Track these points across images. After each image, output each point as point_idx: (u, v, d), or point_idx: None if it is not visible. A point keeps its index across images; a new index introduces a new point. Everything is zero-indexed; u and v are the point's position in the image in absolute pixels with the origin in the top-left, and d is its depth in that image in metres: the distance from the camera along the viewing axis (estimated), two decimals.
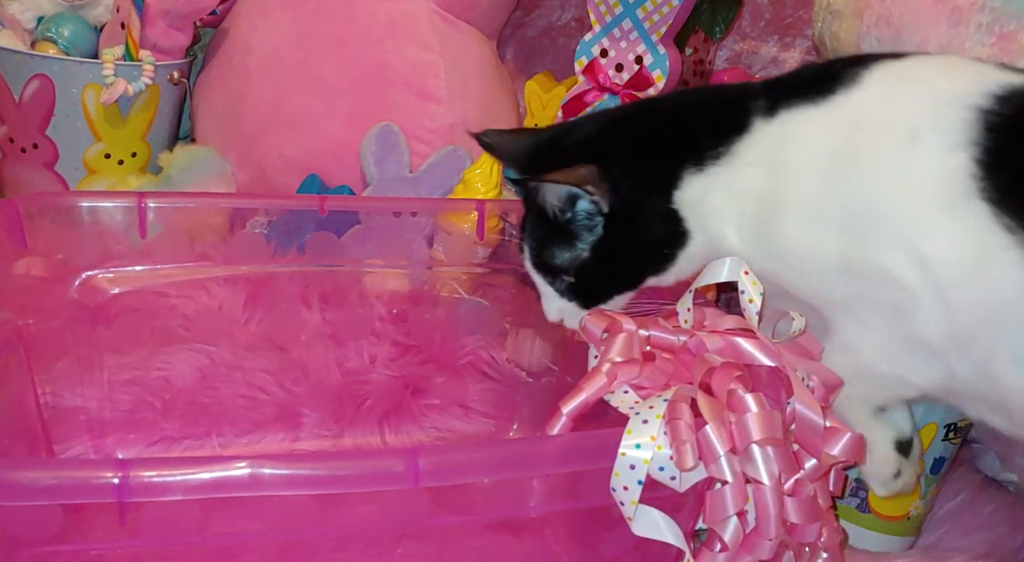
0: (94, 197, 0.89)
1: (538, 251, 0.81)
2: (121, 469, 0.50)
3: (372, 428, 0.97)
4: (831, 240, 0.71)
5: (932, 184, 0.68)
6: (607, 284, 0.80)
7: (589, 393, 0.66)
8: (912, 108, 0.71)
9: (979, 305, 0.67)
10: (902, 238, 0.68)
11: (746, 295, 0.72)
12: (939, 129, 0.69)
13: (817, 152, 0.72)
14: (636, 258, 0.79)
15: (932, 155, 0.68)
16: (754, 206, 0.74)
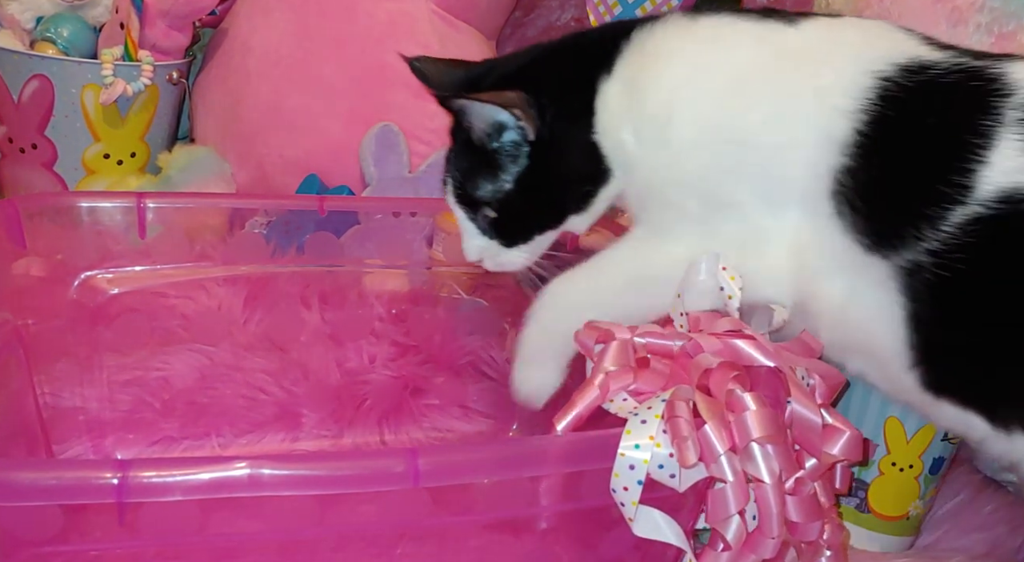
0: (93, 197, 0.89)
1: (461, 183, 0.80)
2: (120, 469, 0.50)
3: (371, 428, 0.97)
4: (710, 163, 0.72)
5: (808, 146, 0.70)
6: (530, 220, 0.80)
7: (582, 406, 0.65)
8: (827, 62, 0.71)
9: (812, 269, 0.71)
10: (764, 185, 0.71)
11: (725, 291, 0.71)
12: (840, 92, 0.69)
13: (730, 70, 0.73)
14: (560, 192, 0.79)
15: (824, 114, 0.69)
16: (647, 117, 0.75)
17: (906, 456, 0.86)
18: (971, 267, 0.65)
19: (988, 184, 0.64)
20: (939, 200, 0.65)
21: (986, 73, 0.68)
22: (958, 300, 0.66)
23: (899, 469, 0.86)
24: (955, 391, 0.69)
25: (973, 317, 0.67)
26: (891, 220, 0.68)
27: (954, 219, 0.65)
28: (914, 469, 0.86)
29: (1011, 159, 0.64)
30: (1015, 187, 0.64)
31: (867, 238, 0.68)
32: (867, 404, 0.86)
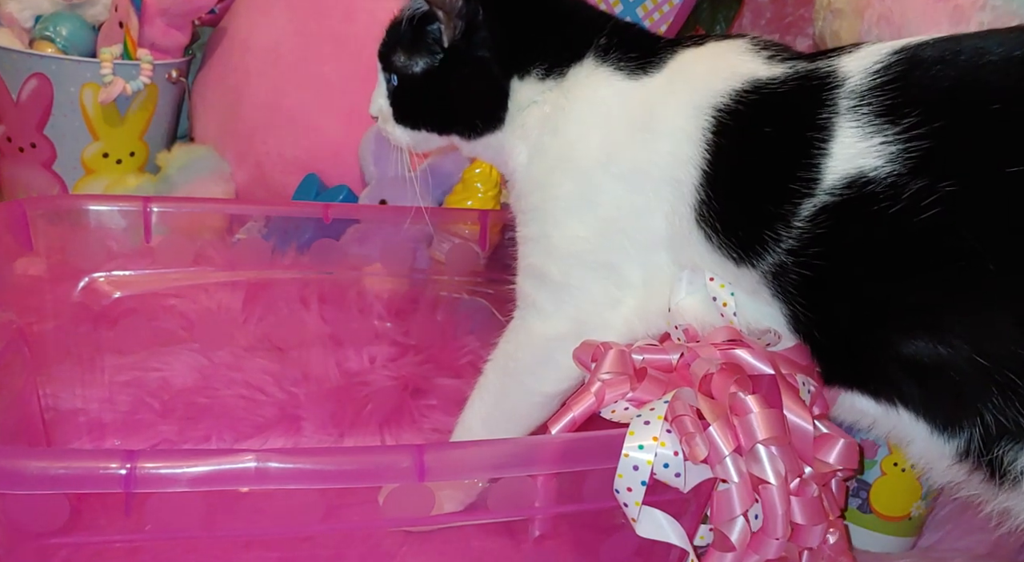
0: (99, 201, 0.90)
1: (387, 42, 0.85)
2: (128, 460, 0.50)
3: (372, 430, 0.97)
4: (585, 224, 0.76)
5: (670, 184, 0.73)
6: (419, 110, 0.85)
7: (577, 412, 0.65)
8: (672, 107, 0.74)
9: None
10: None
11: (719, 300, 0.72)
12: (682, 134, 0.73)
13: (608, 120, 0.77)
14: (450, 107, 0.84)
15: (671, 166, 0.73)
16: (545, 137, 0.79)
17: None
18: (826, 258, 0.67)
19: (832, 173, 0.66)
20: (788, 197, 0.67)
21: (818, 72, 0.70)
22: (824, 292, 0.68)
23: (901, 469, 0.86)
24: (845, 379, 0.70)
25: (840, 303, 0.68)
26: (750, 229, 0.70)
27: (804, 213, 0.67)
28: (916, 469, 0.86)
29: (850, 145, 0.66)
30: (858, 171, 0.65)
31: (734, 252, 0.70)
32: None
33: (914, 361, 0.65)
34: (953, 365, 0.63)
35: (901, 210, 0.63)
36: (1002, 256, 0.61)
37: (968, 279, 0.62)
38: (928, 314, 0.64)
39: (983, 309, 0.63)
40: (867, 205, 0.65)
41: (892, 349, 0.66)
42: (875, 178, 0.65)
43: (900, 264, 0.65)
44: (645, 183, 0.75)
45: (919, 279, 0.64)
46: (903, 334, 0.65)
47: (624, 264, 0.76)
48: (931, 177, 0.63)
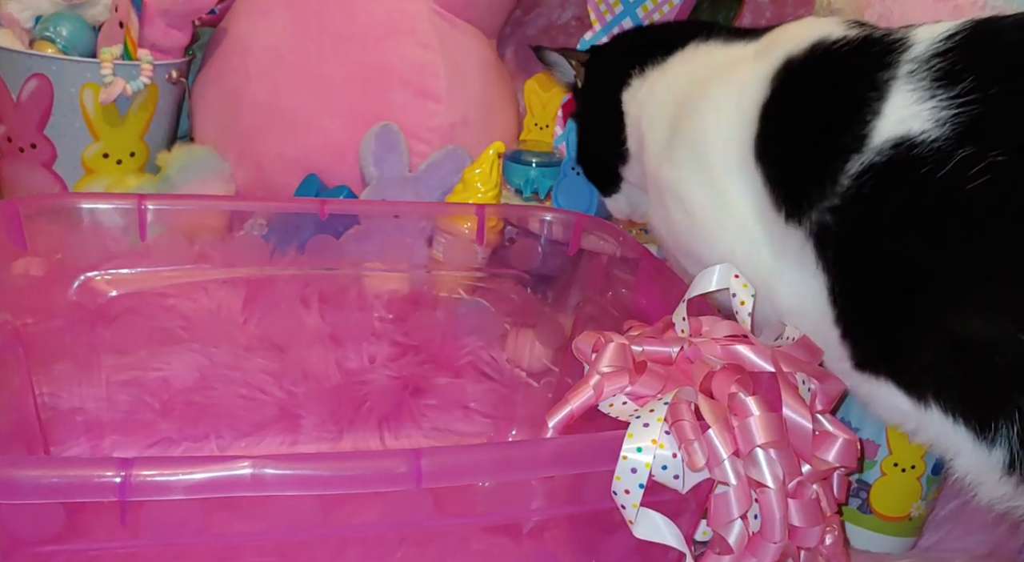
0: (94, 199, 0.89)
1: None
2: (123, 468, 0.50)
3: (371, 429, 0.97)
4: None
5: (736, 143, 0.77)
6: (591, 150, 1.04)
7: (575, 405, 0.66)
8: (753, 62, 0.80)
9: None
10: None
11: (737, 298, 0.72)
12: (757, 82, 0.77)
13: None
14: (591, 137, 1.02)
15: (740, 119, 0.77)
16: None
17: (908, 457, 0.86)
18: (870, 221, 0.67)
19: (881, 134, 0.67)
20: (839, 153, 0.68)
21: (891, 37, 0.71)
22: (865, 259, 0.68)
23: (901, 470, 0.86)
24: (878, 364, 0.69)
25: (880, 272, 0.67)
26: (798, 181, 0.71)
27: (851, 170, 0.67)
28: (916, 470, 0.86)
29: (904, 108, 0.66)
30: (906, 132, 0.65)
31: (783, 202, 0.72)
32: None
33: (953, 339, 0.63)
34: (996, 345, 0.61)
35: (946, 176, 0.63)
36: None
37: (1014, 251, 0.61)
38: (971, 287, 0.63)
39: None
40: (913, 168, 0.64)
41: (930, 325, 0.64)
42: (922, 141, 0.64)
43: (944, 232, 0.63)
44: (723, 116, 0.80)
45: (962, 248, 0.63)
46: (942, 309, 0.63)
47: None
48: (980, 145, 0.62)
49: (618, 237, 0.91)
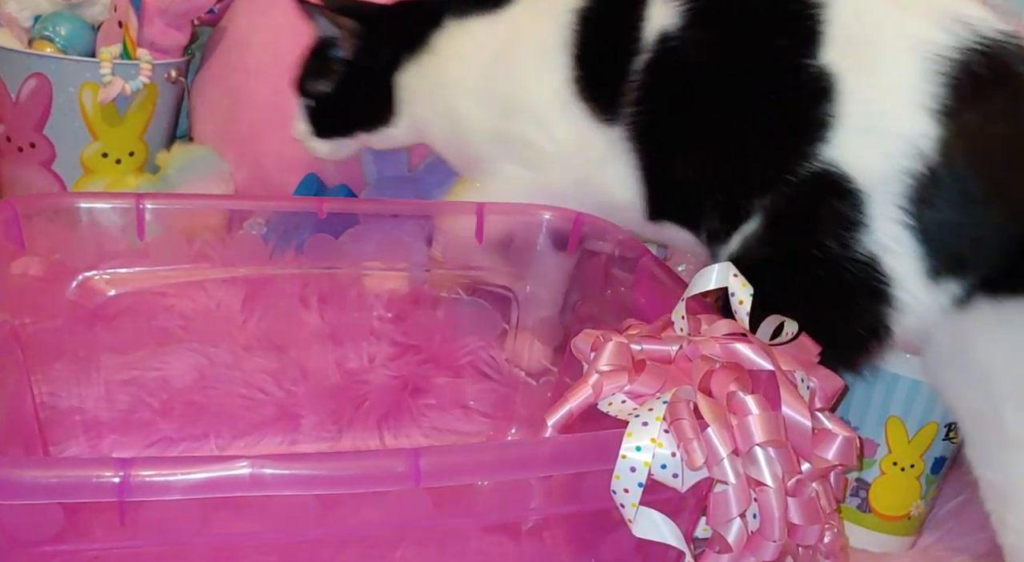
0: (92, 198, 0.89)
1: (302, 75, 1.05)
2: (122, 468, 0.50)
3: (371, 429, 0.97)
4: (490, 116, 0.94)
5: (553, 85, 0.90)
6: (339, 117, 1.05)
7: (574, 404, 0.65)
8: (543, 22, 0.92)
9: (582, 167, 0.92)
10: (541, 120, 0.91)
11: (736, 297, 0.72)
12: (554, 39, 0.90)
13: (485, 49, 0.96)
14: (360, 109, 1.04)
15: (551, 61, 0.90)
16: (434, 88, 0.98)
17: (908, 455, 0.86)
18: (654, 104, 0.85)
19: (649, 33, 0.84)
20: (624, 55, 0.85)
21: None
22: (657, 137, 0.85)
23: (900, 469, 0.86)
24: (670, 215, 0.89)
25: (668, 145, 0.86)
26: (603, 84, 0.87)
27: (636, 67, 0.85)
28: (916, 469, 0.86)
29: (659, 9, 0.84)
30: (663, 28, 0.84)
31: (603, 113, 0.88)
32: (868, 404, 0.86)
33: (684, 180, 0.85)
34: (696, 180, 0.84)
35: (689, 57, 0.83)
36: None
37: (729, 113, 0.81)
38: (694, 148, 0.83)
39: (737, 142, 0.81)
40: (668, 56, 0.84)
41: (675, 172, 0.85)
42: (672, 34, 0.84)
43: (695, 103, 0.83)
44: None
45: (704, 114, 0.83)
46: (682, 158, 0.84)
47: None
48: (701, 30, 0.83)
49: (617, 235, 0.91)
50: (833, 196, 0.76)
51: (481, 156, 0.97)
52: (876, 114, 0.76)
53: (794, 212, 0.79)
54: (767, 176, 0.80)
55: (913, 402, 0.84)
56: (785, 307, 0.72)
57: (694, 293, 0.73)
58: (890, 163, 0.75)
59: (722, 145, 0.82)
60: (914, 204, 0.74)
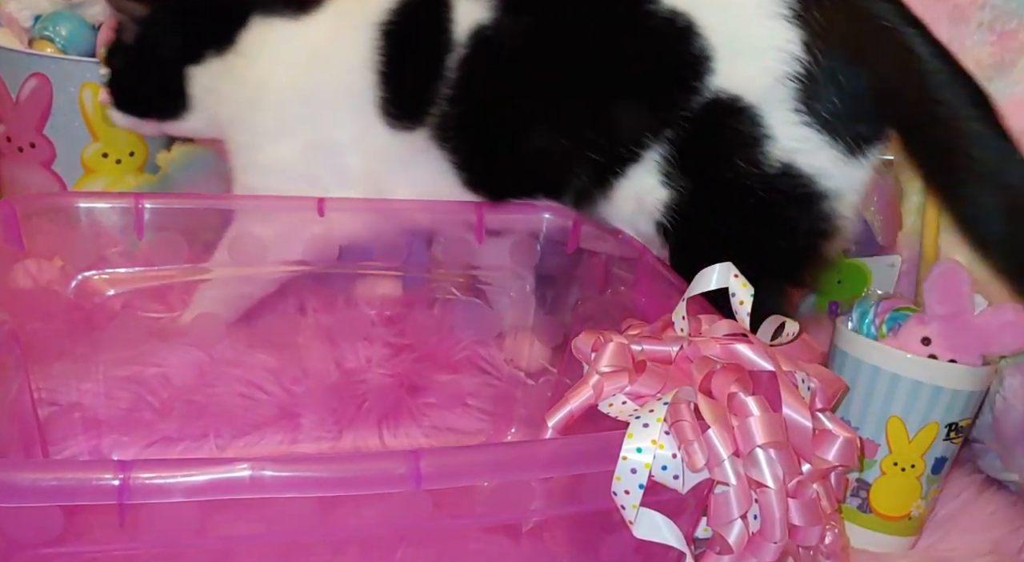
0: (91, 198, 0.89)
1: (109, 47, 1.01)
2: (121, 471, 0.50)
3: (371, 428, 0.97)
4: (294, 125, 0.95)
5: (351, 95, 0.92)
6: (129, 98, 1.02)
7: (574, 405, 0.65)
8: (348, 38, 0.93)
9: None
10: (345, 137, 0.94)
11: (736, 297, 0.72)
12: (352, 50, 0.92)
13: (289, 53, 0.95)
14: (146, 96, 1.02)
15: (351, 72, 0.92)
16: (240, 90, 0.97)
17: (908, 456, 0.86)
18: (475, 97, 0.88)
19: (460, 29, 0.88)
20: (433, 59, 0.89)
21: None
22: (476, 126, 0.90)
23: (901, 469, 0.86)
24: (503, 191, 0.94)
25: (488, 130, 0.90)
26: (415, 93, 0.90)
27: (449, 64, 0.88)
28: (916, 469, 0.86)
29: (466, 7, 0.88)
30: (478, 25, 0.87)
31: (406, 117, 0.91)
32: (868, 404, 0.86)
33: (536, 155, 0.89)
34: (560, 152, 0.87)
35: (506, 44, 0.87)
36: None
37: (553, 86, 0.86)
38: (545, 119, 0.87)
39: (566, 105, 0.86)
40: (487, 47, 0.87)
41: (525, 152, 0.89)
42: (487, 26, 0.87)
43: (519, 84, 0.87)
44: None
45: (530, 92, 0.87)
46: (531, 139, 0.88)
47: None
48: (513, 15, 0.87)
49: (617, 235, 0.91)
50: (730, 119, 0.82)
51: (281, 163, 0.97)
52: (742, 35, 0.82)
53: (698, 145, 0.83)
54: (658, 121, 0.84)
55: (913, 402, 0.84)
56: (725, 242, 0.82)
57: (694, 293, 0.73)
58: (770, 74, 0.80)
59: (589, 108, 0.86)
60: (804, 103, 0.80)
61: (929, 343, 0.85)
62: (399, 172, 0.94)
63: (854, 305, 0.91)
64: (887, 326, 0.88)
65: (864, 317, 0.89)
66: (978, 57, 0.99)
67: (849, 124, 0.81)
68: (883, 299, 0.90)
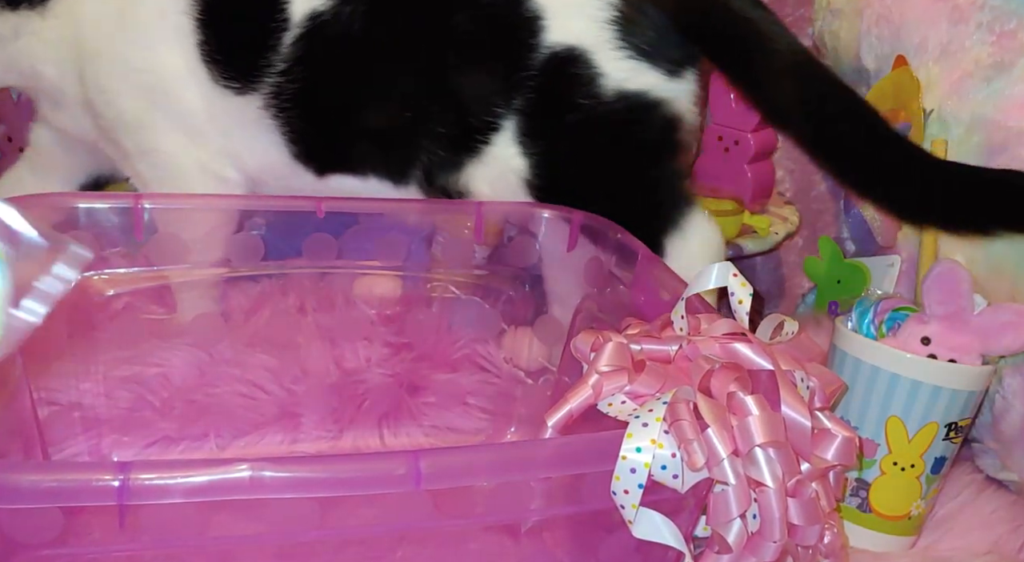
0: (91, 198, 0.89)
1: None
2: (121, 472, 0.50)
3: (371, 428, 0.97)
4: (117, 83, 0.96)
5: (176, 49, 0.94)
6: None
7: (574, 405, 0.65)
8: None
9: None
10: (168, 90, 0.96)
11: (735, 297, 0.72)
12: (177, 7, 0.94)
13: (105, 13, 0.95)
14: None
15: (172, 24, 0.94)
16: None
17: (908, 455, 0.86)
18: (310, 73, 0.93)
19: (296, 11, 0.92)
20: (273, 33, 0.92)
21: None
22: (311, 102, 0.94)
23: (900, 469, 0.86)
24: (335, 166, 0.98)
25: (323, 107, 0.94)
26: (246, 59, 0.93)
27: (285, 42, 0.92)
28: (916, 469, 0.86)
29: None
30: (312, 9, 0.92)
31: (236, 82, 0.94)
32: (868, 404, 0.86)
33: (373, 132, 0.95)
34: (397, 127, 0.94)
35: (343, 24, 0.91)
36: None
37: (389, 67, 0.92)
38: (387, 98, 0.94)
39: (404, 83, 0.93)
40: (324, 30, 0.92)
41: (358, 129, 0.94)
42: (324, 11, 0.92)
43: (358, 64, 0.93)
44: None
45: (370, 72, 0.93)
46: (367, 115, 0.94)
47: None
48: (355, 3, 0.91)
49: (617, 233, 0.91)
50: (568, 67, 0.91)
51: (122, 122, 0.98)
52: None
53: (545, 97, 0.92)
54: (506, 85, 0.92)
55: (913, 402, 0.84)
56: (589, 176, 0.94)
57: (694, 292, 0.73)
58: (594, 21, 0.91)
59: (433, 84, 0.93)
60: (625, 40, 0.91)
61: (929, 343, 0.86)
62: (237, 134, 0.97)
63: (854, 305, 0.91)
64: (887, 326, 0.88)
65: (864, 317, 0.89)
66: (978, 57, 0.99)
67: (664, 50, 0.93)
68: (883, 299, 0.90)
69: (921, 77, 1.02)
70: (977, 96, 0.99)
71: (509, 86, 0.92)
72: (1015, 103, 0.96)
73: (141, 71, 0.95)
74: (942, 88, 1.01)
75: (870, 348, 0.86)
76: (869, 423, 0.86)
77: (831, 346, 0.90)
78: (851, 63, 1.14)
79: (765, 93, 0.96)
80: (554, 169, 0.94)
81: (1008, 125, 0.96)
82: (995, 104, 0.97)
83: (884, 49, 1.08)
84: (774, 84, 0.94)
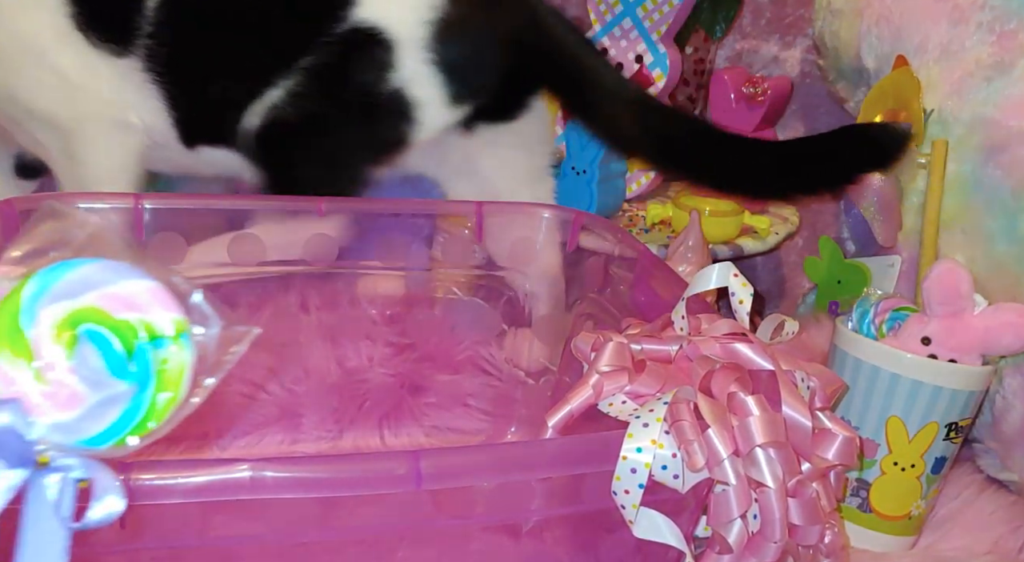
0: (91, 198, 0.89)
1: None
2: (122, 472, 0.50)
3: (372, 428, 0.97)
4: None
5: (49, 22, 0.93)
6: None
7: (574, 405, 0.65)
8: None
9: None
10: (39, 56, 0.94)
11: (736, 297, 0.72)
12: None
13: None
14: None
15: None
16: None
17: (908, 455, 0.86)
18: (175, 36, 0.93)
19: None
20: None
21: None
22: (182, 65, 0.94)
23: (901, 469, 0.86)
24: (206, 138, 0.98)
25: (193, 72, 0.94)
26: (117, 25, 0.93)
27: (151, 5, 0.92)
28: (916, 469, 0.86)
29: None
30: None
31: (112, 45, 0.94)
32: (868, 404, 0.86)
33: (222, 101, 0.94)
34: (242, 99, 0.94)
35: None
36: None
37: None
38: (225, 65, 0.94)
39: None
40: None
41: (229, 100, 0.94)
42: None
43: (202, 35, 0.94)
44: None
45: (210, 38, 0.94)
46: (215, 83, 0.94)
47: None
48: None
49: (616, 234, 0.91)
50: (367, 45, 0.93)
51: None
52: None
53: (333, 63, 0.93)
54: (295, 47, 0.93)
55: (913, 402, 0.84)
56: (318, 137, 0.95)
57: (694, 292, 0.73)
58: (413, 16, 0.93)
59: (252, 48, 0.94)
60: (436, 45, 0.93)
61: (929, 343, 0.86)
62: (129, 92, 0.96)
63: (854, 305, 0.91)
64: (887, 326, 0.88)
65: (864, 317, 0.89)
66: (978, 57, 0.99)
67: (468, 74, 0.95)
68: (883, 299, 0.90)
69: (921, 77, 1.02)
70: (977, 96, 0.99)
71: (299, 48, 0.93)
72: (1015, 103, 0.97)
73: (13, 38, 0.95)
74: (943, 88, 1.01)
75: (870, 348, 0.86)
76: (869, 423, 0.86)
77: (831, 346, 0.90)
78: (851, 63, 1.14)
79: (609, 128, 1.03)
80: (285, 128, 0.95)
81: (1008, 125, 0.96)
82: (995, 104, 0.98)
83: (884, 49, 1.08)
84: (615, 120, 1.01)
